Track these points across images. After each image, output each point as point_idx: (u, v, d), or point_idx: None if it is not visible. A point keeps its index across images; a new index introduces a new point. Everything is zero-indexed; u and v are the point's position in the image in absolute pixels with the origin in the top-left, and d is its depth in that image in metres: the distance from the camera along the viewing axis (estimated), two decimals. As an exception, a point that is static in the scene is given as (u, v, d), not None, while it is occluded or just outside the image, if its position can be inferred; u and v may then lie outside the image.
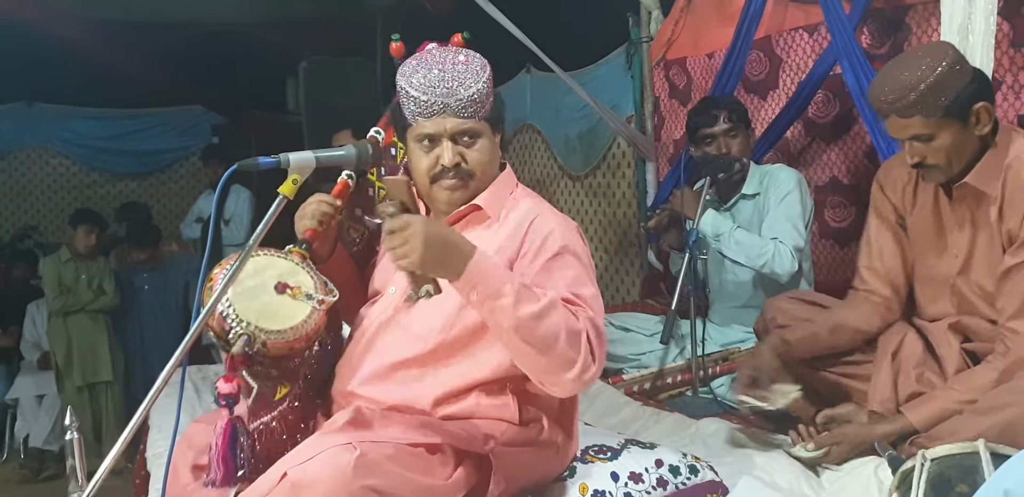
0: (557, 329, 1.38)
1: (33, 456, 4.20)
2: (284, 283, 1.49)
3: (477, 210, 1.62)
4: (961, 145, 1.78)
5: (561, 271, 1.51)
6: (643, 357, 2.80)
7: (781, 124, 3.10)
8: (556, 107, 4.44)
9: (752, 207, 2.70)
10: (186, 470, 1.59)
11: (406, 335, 1.58)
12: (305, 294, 1.49)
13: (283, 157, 1.51)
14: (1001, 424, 1.60)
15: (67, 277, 4.24)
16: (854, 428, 1.90)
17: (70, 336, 4.22)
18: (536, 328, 1.37)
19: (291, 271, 1.52)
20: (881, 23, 2.81)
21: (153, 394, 1.27)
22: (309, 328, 1.49)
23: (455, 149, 1.56)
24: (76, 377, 4.20)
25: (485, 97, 1.56)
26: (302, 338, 1.49)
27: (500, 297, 1.35)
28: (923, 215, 1.97)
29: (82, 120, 6.19)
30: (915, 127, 1.78)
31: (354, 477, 1.32)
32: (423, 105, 1.54)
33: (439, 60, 1.56)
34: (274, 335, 1.45)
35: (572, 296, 1.47)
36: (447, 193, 1.60)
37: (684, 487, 1.68)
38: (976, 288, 1.89)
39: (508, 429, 1.55)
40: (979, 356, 1.88)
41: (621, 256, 4.20)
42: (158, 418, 2.34)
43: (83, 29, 4.69)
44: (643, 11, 3.79)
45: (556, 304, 1.40)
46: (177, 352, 1.28)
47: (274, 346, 1.46)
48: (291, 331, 1.46)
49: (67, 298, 4.20)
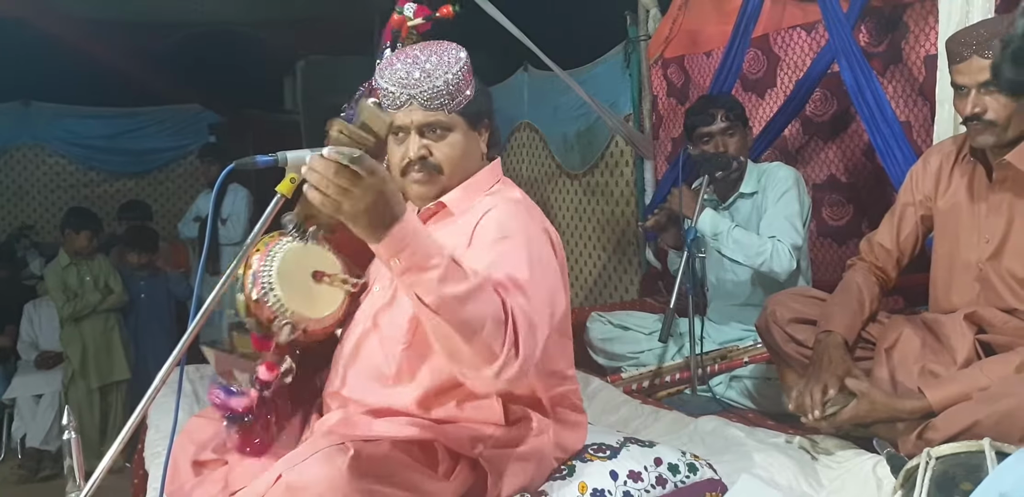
0: (483, 314, 1.26)
1: (31, 456, 4.18)
2: (321, 271, 1.57)
3: (443, 208, 1.59)
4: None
5: (502, 253, 1.40)
6: (641, 355, 2.81)
7: (779, 122, 3.10)
8: (554, 106, 4.44)
9: (750, 205, 2.70)
10: (186, 465, 1.58)
11: (382, 336, 1.57)
12: (340, 280, 1.57)
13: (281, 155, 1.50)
14: (997, 414, 1.59)
15: (72, 282, 4.18)
16: (882, 395, 1.80)
17: (84, 340, 4.17)
18: (460, 310, 1.24)
19: (323, 257, 1.60)
20: (879, 21, 2.81)
21: (151, 393, 1.26)
22: (341, 312, 1.59)
23: (420, 142, 1.55)
24: (93, 379, 4.16)
25: (456, 90, 1.53)
26: (336, 323, 1.59)
27: (426, 269, 1.22)
28: (955, 199, 1.93)
29: (79, 119, 6.17)
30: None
31: (349, 478, 1.31)
32: (391, 97, 1.55)
33: (412, 54, 1.56)
34: (315, 323, 1.54)
35: (508, 282, 1.34)
36: (415, 187, 1.57)
37: (683, 485, 1.68)
38: (1007, 275, 1.84)
39: (495, 431, 1.53)
40: (994, 348, 1.85)
41: (619, 255, 4.20)
42: (156, 417, 2.34)
43: (80, 27, 4.68)
44: (641, 9, 3.80)
45: (485, 287, 1.28)
46: (175, 351, 1.28)
47: (313, 332, 1.55)
48: (329, 317, 1.56)
49: (76, 303, 4.14)
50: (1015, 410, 1.58)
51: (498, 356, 1.27)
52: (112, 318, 4.27)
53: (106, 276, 4.26)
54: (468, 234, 1.50)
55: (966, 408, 1.67)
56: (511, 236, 1.44)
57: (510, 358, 1.28)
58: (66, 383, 4.20)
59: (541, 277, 1.41)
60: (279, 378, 1.53)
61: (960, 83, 1.79)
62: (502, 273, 1.35)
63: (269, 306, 1.49)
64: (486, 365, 1.27)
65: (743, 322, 2.74)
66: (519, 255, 1.41)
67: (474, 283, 1.26)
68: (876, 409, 1.77)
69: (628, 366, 2.80)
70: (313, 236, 1.62)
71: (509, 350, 1.28)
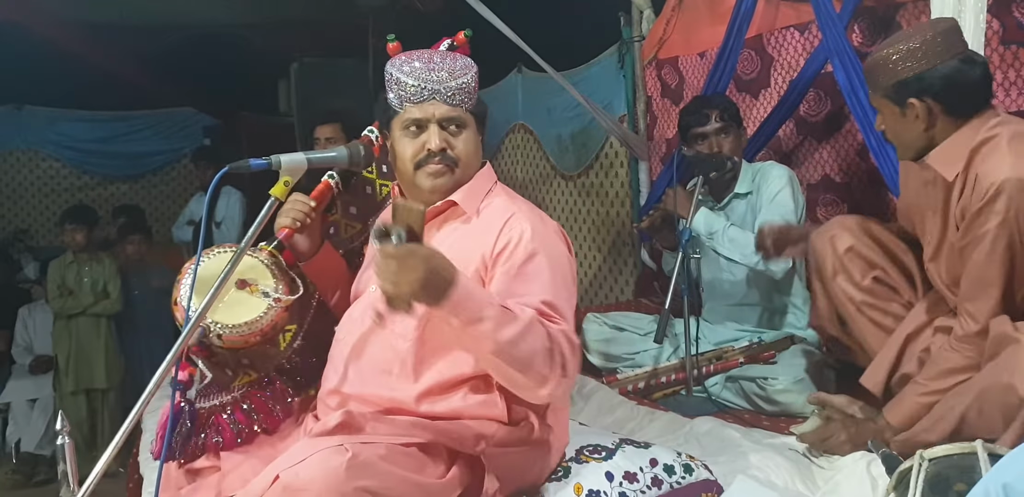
0: (535, 349, 1.41)
1: (25, 461, 4.18)
2: (244, 280, 1.55)
3: (454, 206, 1.63)
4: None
5: (535, 277, 1.51)
6: (637, 356, 2.80)
7: (773, 123, 3.10)
8: (548, 107, 4.44)
9: (745, 205, 2.70)
10: (179, 473, 1.58)
11: (387, 333, 1.58)
12: (262, 291, 1.55)
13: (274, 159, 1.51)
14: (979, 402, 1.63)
15: (69, 279, 4.18)
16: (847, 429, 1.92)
17: (71, 340, 4.17)
18: (515, 351, 1.39)
19: (254, 268, 1.58)
20: (872, 21, 2.82)
21: (145, 398, 1.26)
22: (265, 324, 1.55)
23: (442, 134, 1.59)
24: (71, 382, 4.16)
25: (473, 90, 1.62)
26: (257, 333, 1.55)
27: (481, 322, 1.37)
28: (914, 206, 1.98)
29: (72, 123, 6.16)
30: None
31: (347, 478, 1.32)
32: (412, 90, 1.58)
33: (430, 53, 1.63)
34: (228, 329, 1.51)
35: (545, 308, 1.48)
36: (431, 180, 1.60)
37: (679, 486, 1.68)
38: (945, 275, 1.88)
39: (499, 429, 1.55)
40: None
41: (615, 255, 4.20)
42: (151, 422, 2.33)
43: (73, 31, 4.67)
44: (635, 10, 3.80)
45: (534, 324, 1.42)
46: (168, 357, 1.28)
47: (228, 339, 1.52)
48: (246, 326, 1.52)
49: (66, 300, 4.14)
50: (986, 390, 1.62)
51: (549, 379, 1.44)
52: (103, 324, 4.24)
53: (107, 279, 4.23)
54: (487, 232, 1.56)
55: (946, 404, 1.72)
56: (537, 255, 1.53)
57: (560, 379, 1.45)
58: (55, 383, 4.20)
59: (567, 296, 1.55)
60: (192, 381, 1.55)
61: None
62: (537, 300, 1.48)
63: (183, 306, 1.49)
64: (540, 387, 1.45)
65: (738, 322, 2.75)
66: (546, 276, 1.52)
67: (524, 323, 1.40)
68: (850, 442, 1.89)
69: (624, 367, 2.80)
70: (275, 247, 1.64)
71: (559, 373, 1.44)
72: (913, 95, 1.75)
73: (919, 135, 1.79)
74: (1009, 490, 0.98)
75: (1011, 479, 0.99)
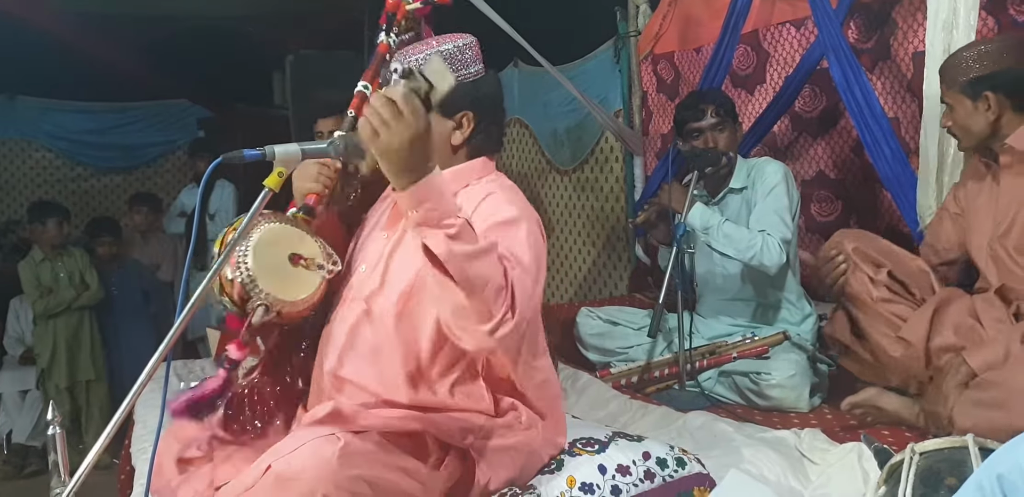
0: (486, 276, 1.33)
1: (16, 452, 4.16)
2: (298, 255, 1.55)
3: None
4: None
5: (506, 234, 1.47)
6: (631, 351, 2.81)
7: (768, 118, 3.11)
8: (544, 101, 4.44)
9: (740, 201, 2.70)
10: (171, 464, 1.58)
11: (373, 312, 1.57)
12: (317, 265, 1.55)
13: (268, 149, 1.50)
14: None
15: (45, 277, 4.10)
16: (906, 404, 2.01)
17: (55, 338, 4.12)
18: (466, 267, 1.32)
19: (301, 241, 1.58)
20: (868, 18, 2.82)
21: (137, 389, 1.25)
22: (317, 297, 1.56)
23: None
24: (59, 377, 4.14)
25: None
26: (311, 307, 1.56)
27: (442, 225, 1.31)
28: (978, 195, 2.12)
29: (66, 113, 6.11)
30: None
31: (339, 467, 1.32)
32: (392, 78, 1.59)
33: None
34: (289, 306, 1.51)
35: (510, 255, 1.42)
36: None
37: (671, 480, 1.68)
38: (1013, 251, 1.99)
39: (486, 422, 1.54)
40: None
41: (609, 250, 4.21)
42: (143, 413, 2.33)
43: (67, 22, 4.64)
44: (631, 5, 3.80)
45: (492, 252, 1.36)
46: (162, 346, 1.27)
47: (287, 315, 1.53)
48: (303, 301, 1.53)
49: (49, 300, 4.07)
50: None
51: (495, 315, 1.34)
52: (86, 316, 4.20)
53: (83, 271, 4.17)
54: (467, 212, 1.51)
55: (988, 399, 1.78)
56: (515, 220, 1.49)
57: (506, 318, 1.35)
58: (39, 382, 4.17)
59: (537, 265, 1.48)
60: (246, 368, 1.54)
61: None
62: (505, 249, 1.42)
63: (242, 285, 1.47)
64: (483, 322, 1.34)
65: (732, 317, 2.75)
66: (522, 238, 1.48)
67: (483, 246, 1.34)
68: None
69: (617, 361, 2.80)
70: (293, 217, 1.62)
71: (506, 312, 1.35)
72: (988, 89, 1.99)
73: (987, 125, 2.02)
74: (1003, 481, 0.99)
75: (1004, 470, 1.00)
